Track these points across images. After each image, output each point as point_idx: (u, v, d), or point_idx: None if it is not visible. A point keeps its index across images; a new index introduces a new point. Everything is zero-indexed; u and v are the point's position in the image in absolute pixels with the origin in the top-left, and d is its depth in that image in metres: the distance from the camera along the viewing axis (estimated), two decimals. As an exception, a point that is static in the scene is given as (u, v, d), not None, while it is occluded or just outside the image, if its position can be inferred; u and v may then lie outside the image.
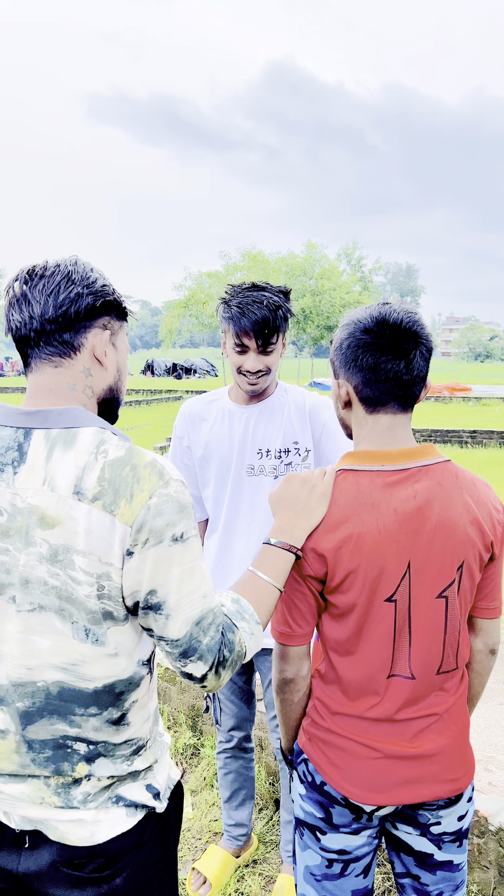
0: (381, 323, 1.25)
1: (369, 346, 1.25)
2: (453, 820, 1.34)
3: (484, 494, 1.31)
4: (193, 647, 1.05)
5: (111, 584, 1.03)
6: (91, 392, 1.15)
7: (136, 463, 1.04)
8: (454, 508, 1.26)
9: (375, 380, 1.26)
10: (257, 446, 2.01)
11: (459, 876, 1.38)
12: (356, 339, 1.27)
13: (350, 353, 1.28)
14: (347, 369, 1.29)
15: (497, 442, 13.38)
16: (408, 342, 1.25)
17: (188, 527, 1.05)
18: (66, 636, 1.04)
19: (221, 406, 2.06)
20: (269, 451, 2.00)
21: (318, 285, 29.40)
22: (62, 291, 1.08)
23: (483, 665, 1.40)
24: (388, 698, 1.28)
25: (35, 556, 1.02)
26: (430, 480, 1.26)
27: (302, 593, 1.30)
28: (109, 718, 1.09)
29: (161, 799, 1.17)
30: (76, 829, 1.09)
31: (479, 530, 1.27)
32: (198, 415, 2.09)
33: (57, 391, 1.10)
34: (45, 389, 1.10)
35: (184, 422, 2.12)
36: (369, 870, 1.38)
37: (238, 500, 2.04)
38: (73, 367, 1.11)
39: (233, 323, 1.86)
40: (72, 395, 1.11)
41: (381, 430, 1.29)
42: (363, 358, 1.26)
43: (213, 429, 2.05)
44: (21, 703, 1.06)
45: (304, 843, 1.38)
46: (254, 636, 1.13)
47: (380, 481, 1.25)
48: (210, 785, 2.80)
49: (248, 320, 1.83)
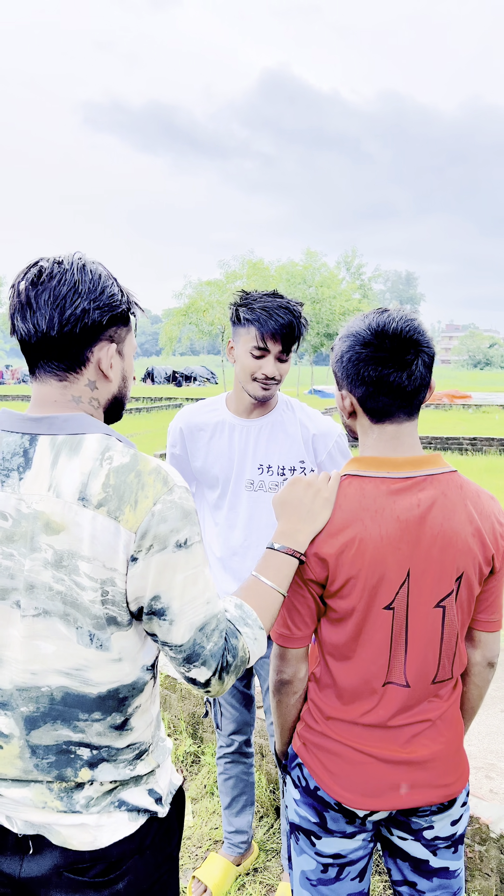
0: (380, 335, 1.23)
1: (370, 359, 1.24)
2: (446, 825, 1.34)
3: (488, 507, 1.30)
4: (197, 653, 1.06)
5: (115, 590, 1.03)
6: (97, 403, 1.15)
7: (141, 469, 1.04)
8: (456, 519, 1.25)
9: (378, 392, 1.26)
10: (258, 461, 1.98)
11: (456, 883, 1.38)
12: (356, 353, 1.26)
13: (351, 366, 1.27)
14: (350, 382, 1.29)
15: (497, 449, 13.38)
16: (409, 352, 1.23)
17: (192, 533, 1.06)
18: (70, 641, 1.04)
19: (220, 418, 2.03)
20: (271, 468, 1.98)
21: (318, 293, 29.49)
22: (68, 307, 1.05)
23: (482, 677, 1.40)
24: (382, 705, 1.28)
25: (40, 561, 1.02)
26: (434, 490, 1.26)
27: (302, 596, 1.30)
28: (113, 724, 1.09)
29: (163, 804, 1.17)
30: (79, 834, 1.09)
31: (480, 543, 1.27)
32: (196, 426, 2.05)
33: (62, 402, 1.10)
34: (51, 400, 1.10)
35: (180, 434, 2.07)
36: (365, 874, 1.37)
37: (235, 514, 2.02)
38: (79, 382, 1.11)
39: (258, 325, 1.83)
40: (77, 406, 1.11)
41: (387, 438, 1.29)
42: (365, 371, 1.25)
43: (213, 441, 2.02)
44: (25, 707, 1.07)
45: (299, 847, 1.38)
46: (257, 641, 1.13)
47: (385, 488, 1.25)
48: (210, 793, 2.79)
49: (275, 323, 1.82)
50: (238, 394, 2.00)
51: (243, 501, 2.01)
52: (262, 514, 1.99)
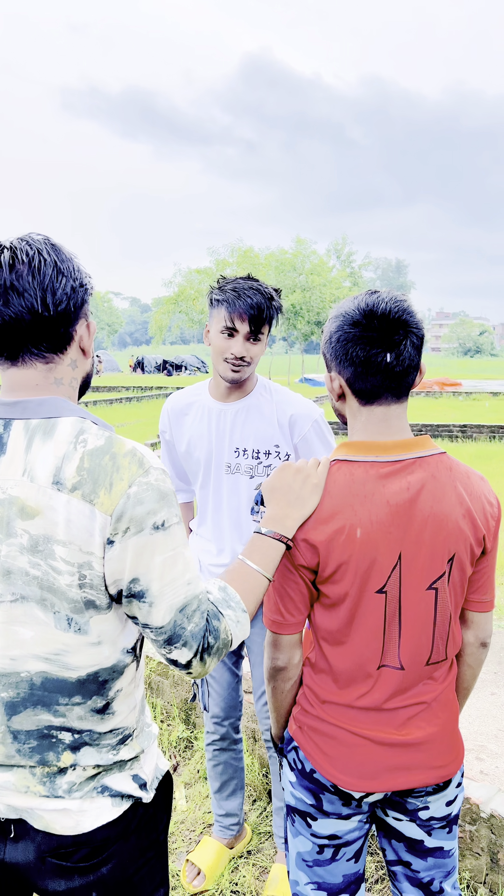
0: (369, 315, 1.23)
1: (359, 339, 1.24)
2: (441, 805, 1.35)
3: (478, 487, 1.31)
4: (178, 634, 1.05)
5: (93, 574, 1.03)
6: (76, 383, 1.15)
7: (116, 452, 1.03)
8: (447, 501, 1.25)
9: (367, 373, 1.25)
10: (234, 445, 2.00)
11: (450, 862, 1.40)
12: (345, 333, 1.25)
13: (340, 346, 1.27)
14: (339, 363, 1.28)
15: (487, 436, 13.44)
16: (397, 332, 1.23)
17: (170, 514, 1.05)
18: (48, 626, 1.04)
19: (202, 402, 2.06)
20: (246, 451, 1.99)
21: (308, 281, 29.39)
22: (58, 287, 1.05)
23: (475, 658, 1.40)
24: (377, 688, 1.28)
25: (16, 546, 1.02)
26: (423, 472, 1.26)
27: (294, 582, 1.30)
28: (94, 707, 1.09)
29: (148, 789, 1.17)
30: (61, 818, 1.09)
31: (471, 524, 1.27)
32: (180, 410, 2.09)
33: (44, 385, 1.09)
34: (31, 384, 1.09)
35: (167, 418, 2.13)
36: (360, 854, 1.38)
37: (220, 498, 2.04)
38: (63, 362, 1.11)
39: (226, 305, 1.86)
40: (58, 389, 1.11)
41: (375, 421, 1.29)
42: (353, 351, 1.25)
43: (194, 425, 2.05)
44: (5, 693, 1.06)
45: (295, 829, 1.39)
46: (240, 624, 1.13)
47: (374, 472, 1.25)
48: (204, 777, 2.81)
49: (243, 303, 1.84)
50: (215, 378, 2.02)
51: (224, 484, 2.03)
52: (242, 498, 2.00)
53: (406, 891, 1.41)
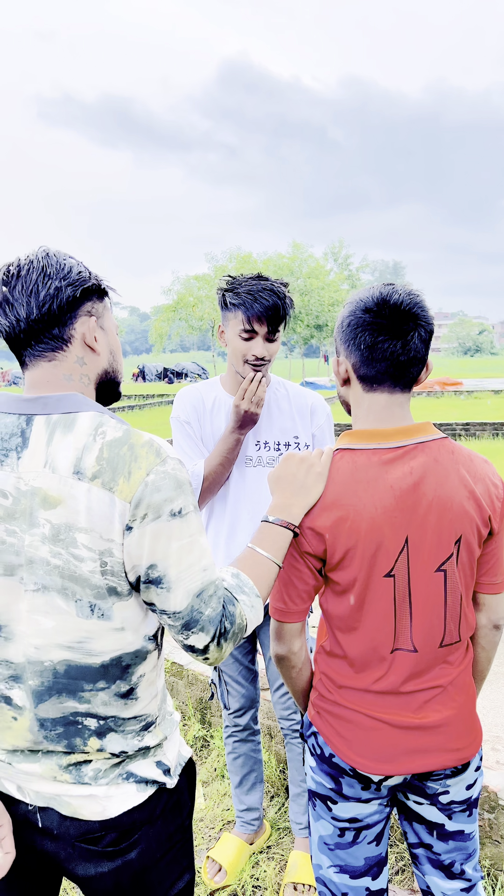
0: (381, 303, 1.27)
1: (368, 325, 1.27)
2: (461, 789, 1.36)
3: (481, 470, 1.32)
4: (195, 619, 1.08)
5: (113, 560, 1.05)
6: (88, 380, 1.18)
7: (134, 443, 1.07)
8: (450, 484, 1.27)
9: (372, 359, 1.28)
10: (255, 438, 2.04)
11: (471, 845, 1.41)
12: (357, 318, 1.29)
13: (350, 331, 1.30)
14: (347, 347, 1.32)
15: (490, 434, 13.45)
16: (407, 323, 1.26)
17: (186, 502, 1.08)
18: (69, 615, 1.06)
19: (217, 397, 2.09)
20: (268, 444, 2.05)
21: (306, 284, 29.45)
22: (41, 289, 1.09)
23: (488, 640, 1.42)
24: (392, 672, 1.30)
25: (38, 536, 1.05)
26: (425, 457, 1.28)
27: (299, 570, 1.32)
28: (118, 692, 1.11)
29: (171, 775, 1.19)
30: (88, 804, 1.11)
31: (476, 505, 1.29)
32: (200, 402, 2.09)
33: (54, 381, 1.13)
34: (43, 381, 1.13)
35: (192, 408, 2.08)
36: (382, 837, 1.40)
37: (240, 491, 2.07)
38: (67, 359, 1.14)
39: (243, 309, 1.89)
40: (69, 384, 1.14)
41: (378, 409, 1.32)
42: (362, 336, 1.28)
43: (214, 420, 2.07)
44: (32, 681, 1.09)
45: (316, 813, 1.40)
46: (254, 609, 1.16)
47: (376, 459, 1.28)
48: (221, 776, 2.82)
49: (260, 306, 1.87)
50: (232, 376, 2.05)
51: (246, 477, 2.06)
52: (264, 489, 2.04)
53: (428, 873, 1.42)
